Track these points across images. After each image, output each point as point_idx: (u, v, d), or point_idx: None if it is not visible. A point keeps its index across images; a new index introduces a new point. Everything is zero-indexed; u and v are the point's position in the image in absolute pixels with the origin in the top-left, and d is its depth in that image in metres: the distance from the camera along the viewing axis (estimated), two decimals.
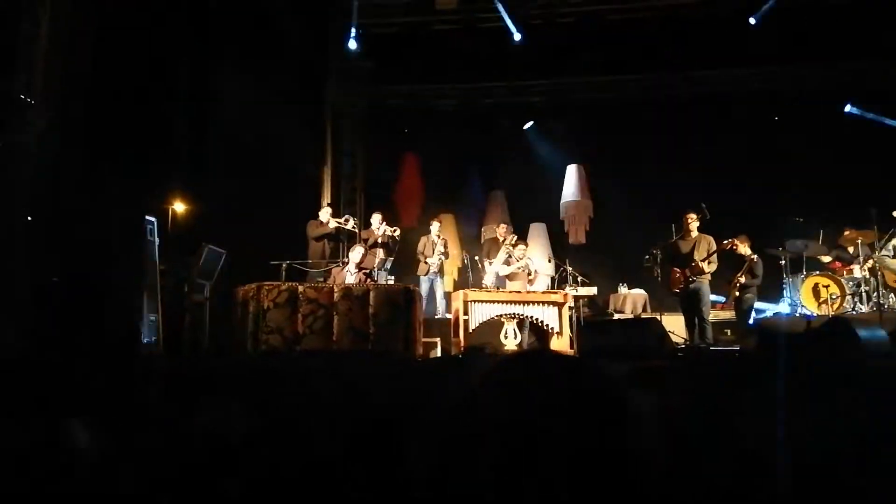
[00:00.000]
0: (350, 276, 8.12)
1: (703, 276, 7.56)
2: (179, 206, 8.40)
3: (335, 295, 6.75)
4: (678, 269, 7.67)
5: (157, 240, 6.80)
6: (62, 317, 5.52)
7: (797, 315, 8.12)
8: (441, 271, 9.57)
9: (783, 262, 8.64)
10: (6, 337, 5.67)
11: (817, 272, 8.44)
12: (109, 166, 7.08)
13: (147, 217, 6.57)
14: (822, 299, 8.07)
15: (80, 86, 7.13)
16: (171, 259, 7.42)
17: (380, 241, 9.28)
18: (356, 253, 8.30)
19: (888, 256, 8.03)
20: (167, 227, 7.73)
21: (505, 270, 8.72)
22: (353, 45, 10.95)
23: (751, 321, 7.94)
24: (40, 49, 6.64)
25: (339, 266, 8.41)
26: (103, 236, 5.84)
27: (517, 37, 10.53)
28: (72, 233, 5.84)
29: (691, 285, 7.59)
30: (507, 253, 8.87)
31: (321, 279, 8.38)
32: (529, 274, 8.70)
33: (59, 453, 2.02)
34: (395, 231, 9.25)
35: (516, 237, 9.10)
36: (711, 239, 7.66)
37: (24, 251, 5.88)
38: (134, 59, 7.77)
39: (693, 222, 7.71)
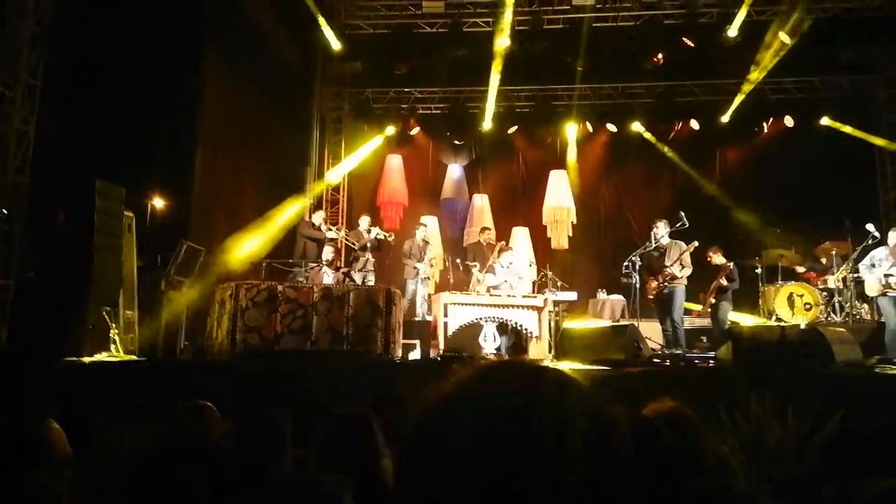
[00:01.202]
0: (327, 276, 8.09)
1: (676, 282, 7.60)
2: (159, 202, 8.32)
3: (314, 295, 6.72)
4: (652, 277, 7.71)
5: (135, 235, 6.74)
6: (38, 312, 5.45)
7: (771, 324, 8.23)
8: (428, 276, 9.56)
9: (759, 271, 8.75)
10: None
11: (792, 282, 8.56)
12: (87, 161, 7.03)
13: (126, 213, 6.50)
14: (796, 308, 8.18)
15: (60, 81, 7.07)
16: (149, 255, 7.36)
17: (369, 244, 9.26)
18: (326, 252, 8.32)
19: (866, 267, 8.17)
20: (146, 223, 7.66)
21: (492, 280, 8.68)
22: (337, 46, 10.94)
23: (726, 329, 8.02)
24: (22, 44, 6.57)
25: (317, 266, 8.40)
26: (81, 230, 5.78)
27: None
28: (49, 227, 5.78)
29: (665, 291, 7.63)
30: (494, 259, 8.85)
31: (301, 279, 8.35)
32: (511, 286, 8.66)
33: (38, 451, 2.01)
34: (390, 236, 9.31)
35: (504, 242, 9.12)
36: (682, 244, 7.69)
37: (2, 246, 5.81)
38: (116, 55, 7.71)
39: (659, 229, 7.71)
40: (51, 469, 1.99)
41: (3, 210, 6.04)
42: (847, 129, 10.73)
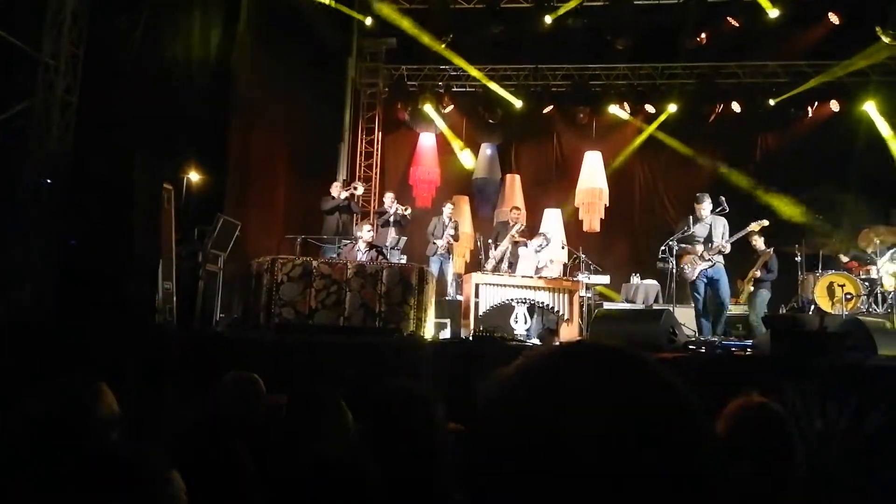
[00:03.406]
0: (361, 254, 8.13)
1: (717, 259, 7.23)
2: (195, 177, 8.41)
3: (348, 272, 6.77)
4: (690, 251, 7.31)
5: (173, 208, 6.83)
6: (80, 281, 5.56)
7: (810, 313, 8.06)
8: (450, 253, 9.56)
9: (798, 259, 8.56)
10: (22, 299, 5.74)
11: (832, 271, 8.35)
12: (128, 133, 7.11)
13: (165, 186, 6.59)
14: (836, 298, 7.98)
15: (102, 54, 7.15)
16: (186, 228, 7.46)
17: (391, 219, 9.32)
18: (365, 231, 8.32)
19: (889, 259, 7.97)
20: (182, 197, 7.75)
21: (525, 252, 8.66)
22: (368, 20, 10.90)
23: (763, 317, 7.85)
24: (66, 16, 6.64)
25: (350, 243, 8.43)
26: (121, 202, 5.87)
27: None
28: (90, 198, 5.88)
29: (709, 269, 7.23)
30: (513, 238, 8.82)
31: (334, 255, 8.41)
32: (550, 262, 8.63)
33: (78, 416, 2.04)
34: (406, 209, 9.36)
35: (523, 225, 9.06)
36: (726, 222, 7.34)
37: (43, 214, 5.92)
38: (151, 30, 7.77)
39: (703, 205, 7.34)
40: (98, 431, 2.01)
41: (47, 179, 6.15)
42: (878, 117, 10.37)
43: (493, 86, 11.47)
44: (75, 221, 5.83)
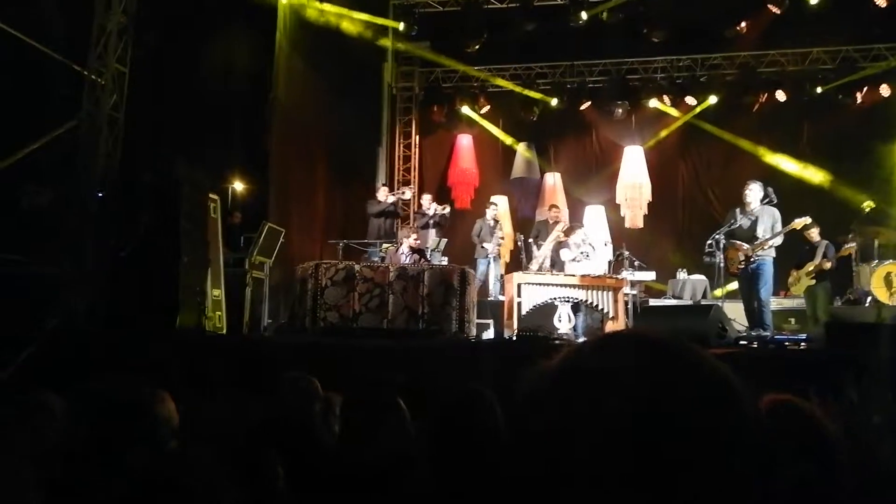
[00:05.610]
0: (404, 257, 8.17)
1: (765, 253, 6.73)
2: (239, 186, 8.60)
3: (390, 274, 6.81)
4: (738, 246, 6.85)
5: (219, 217, 6.98)
6: (130, 290, 5.72)
7: (867, 304, 7.79)
8: (498, 255, 9.57)
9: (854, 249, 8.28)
10: (76, 309, 5.94)
11: (890, 261, 8.05)
12: (173, 145, 7.31)
13: (211, 196, 6.74)
14: (893, 289, 7.70)
15: (146, 68, 7.35)
16: (232, 237, 7.62)
17: (431, 221, 9.35)
18: (408, 236, 8.38)
19: None
20: (227, 206, 7.92)
21: (567, 256, 8.58)
22: (402, 26, 10.95)
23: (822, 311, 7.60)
24: (111, 34, 6.84)
25: (393, 247, 8.49)
26: (169, 213, 6.02)
27: None
28: (139, 210, 6.04)
29: (752, 264, 6.75)
30: (558, 238, 8.72)
31: (376, 259, 8.48)
32: (587, 256, 8.54)
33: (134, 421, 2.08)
34: (444, 208, 9.38)
35: (565, 224, 8.97)
36: (776, 212, 6.81)
37: (95, 227, 6.11)
38: (193, 42, 7.96)
39: (752, 192, 6.84)
40: (157, 442, 2.05)
41: (98, 193, 6.35)
42: None
43: (522, 89, 11.48)
44: (125, 233, 5.99)
